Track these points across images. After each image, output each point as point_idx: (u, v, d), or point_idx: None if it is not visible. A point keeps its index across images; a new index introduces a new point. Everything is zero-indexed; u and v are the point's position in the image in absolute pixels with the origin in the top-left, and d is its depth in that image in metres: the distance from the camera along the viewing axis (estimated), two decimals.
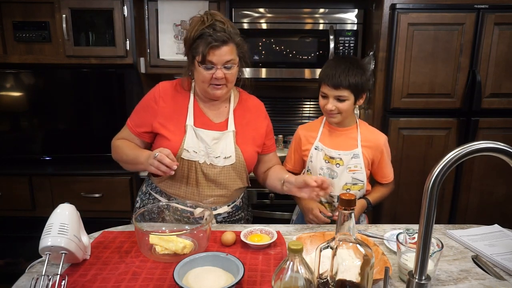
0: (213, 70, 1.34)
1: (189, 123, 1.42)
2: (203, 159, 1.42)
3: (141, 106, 1.50)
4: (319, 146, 1.57)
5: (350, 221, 0.84)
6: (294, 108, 2.87)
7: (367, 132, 1.57)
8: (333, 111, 1.49)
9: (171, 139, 1.41)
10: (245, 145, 1.47)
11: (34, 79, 2.44)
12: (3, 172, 2.36)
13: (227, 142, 1.44)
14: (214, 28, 1.31)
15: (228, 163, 1.44)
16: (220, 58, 1.32)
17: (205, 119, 1.46)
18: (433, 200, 0.81)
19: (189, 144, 1.40)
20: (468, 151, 0.79)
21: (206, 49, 1.30)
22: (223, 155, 1.43)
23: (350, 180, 1.55)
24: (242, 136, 1.47)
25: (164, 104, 1.45)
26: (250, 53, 2.33)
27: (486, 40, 2.10)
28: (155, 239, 1.19)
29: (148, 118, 1.46)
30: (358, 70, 1.47)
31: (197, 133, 1.42)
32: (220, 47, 1.31)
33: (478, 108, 2.17)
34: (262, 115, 1.57)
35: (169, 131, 1.43)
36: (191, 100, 1.46)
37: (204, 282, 1.02)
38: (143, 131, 1.47)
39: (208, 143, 1.41)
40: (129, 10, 2.29)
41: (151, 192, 1.54)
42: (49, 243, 1.04)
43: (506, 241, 1.32)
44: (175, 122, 1.44)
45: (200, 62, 1.33)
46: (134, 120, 1.49)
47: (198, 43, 1.32)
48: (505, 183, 2.25)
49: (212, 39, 1.30)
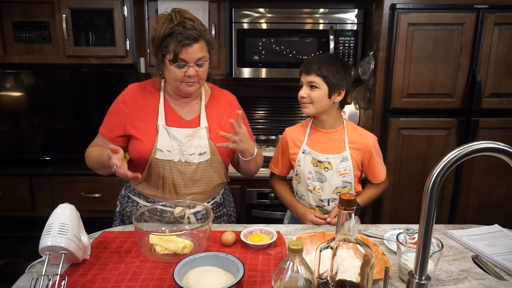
0: (185, 68, 1.33)
1: (161, 123, 1.41)
2: (177, 158, 1.41)
3: (111, 110, 1.48)
4: (307, 149, 1.55)
5: (350, 221, 0.84)
6: (294, 108, 2.87)
7: (354, 133, 1.55)
8: (305, 98, 1.49)
9: (144, 140, 1.41)
10: (219, 139, 1.43)
11: (34, 79, 2.44)
12: (3, 172, 2.36)
13: (200, 139, 1.43)
14: (184, 25, 1.30)
15: (203, 159, 1.43)
16: (192, 55, 1.32)
17: (176, 118, 1.45)
18: (433, 200, 0.81)
19: (162, 144, 1.40)
20: (468, 151, 0.79)
21: (178, 47, 1.29)
22: (197, 152, 1.42)
23: (341, 183, 1.53)
24: (216, 131, 1.45)
25: (134, 106, 1.44)
26: (249, 53, 2.34)
27: (486, 40, 2.10)
28: (155, 239, 1.19)
29: (119, 122, 1.44)
30: (336, 64, 1.47)
31: (169, 132, 1.41)
32: (192, 44, 1.30)
33: (478, 108, 2.17)
34: (235, 108, 1.54)
35: (141, 132, 1.42)
36: (161, 100, 1.46)
37: (204, 282, 1.02)
38: (116, 136, 1.46)
39: (181, 141, 1.41)
40: (129, 10, 2.29)
41: (129, 195, 1.53)
42: (49, 243, 1.04)
43: (506, 241, 1.32)
44: (147, 123, 1.42)
45: (171, 60, 1.32)
46: (106, 125, 1.48)
47: (168, 41, 1.30)
48: (505, 183, 2.25)
49: (183, 37, 1.29)
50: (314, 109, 1.50)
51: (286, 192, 1.65)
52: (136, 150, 1.43)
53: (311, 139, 1.56)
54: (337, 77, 1.46)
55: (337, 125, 1.56)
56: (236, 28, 2.42)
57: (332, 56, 1.57)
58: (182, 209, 1.41)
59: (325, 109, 1.50)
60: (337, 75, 1.46)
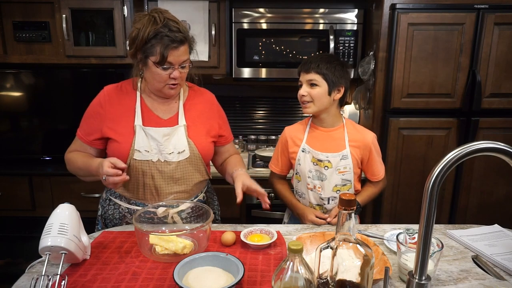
0: (169, 70, 1.33)
1: (138, 123, 1.40)
2: (156, 157, 1.40)
3: (88, 113, 1.47)
4: (306, 148, 1.55)
5: (350, 221, 0.84)
6: (294, 108, 2.87)
7: (354, 131, 1.56)
8: (306, 97, 1.50)
9: (121, 141, 1.39)
10: (198, 137, 1.45)
11: (34, 79, 2.44)
12: (3, 172, 2.36)
13: (179, 137, 1.42)
14: (169, 28, 1.29)
15: (182, 157, 1.42)
16: (178, 58, 1.32)
17: (153, 117, 1.43)
18: (433, 200, 0.81)
19: (140, 144, 1.38)
20: (468, 151, 0.79)
21: (167, 50, 1.28)
22: (176, 150, 1.41)
23: (340, 181, 1.53)
24: (194, 129, 1.45)
25: (111, 108, 1.43)
26: (249, 53, 2.33)
27: (486, 40, 2.10)
28: (155, 239, 1.19)
29: (96, 124, 1.43)
30: (334, 61, 1.50)
31: (146, 132, 1.40)
32: (179, 47, 1.31)
33: (478, 108, 2.17)
34: (214, 107, 1.55)
35: (118, 133, 1.41)
36: (138, 100, 1.44)
37: (204, 282, 1.02)
38: (94, 139, 1.45)
39: (159, 140, 1.40)
40: (129, 10, 2.29)
41: (110, 198, 1.51)
42: (49, 243, 1.04)
43: (506, 241, 1.32)
44: (124, 124, 1.41)
45: (157, 62, 1.31)
46: (84, 128, 1.47)
47: (153, 43, 1.29)
48: (505, 183, 2.25)
49: (170, 40, 1.28)
50: (315, 108, 1.51)
51: (287, 191, 1.66)
52: (114, 152, 1.41)
53: (310, 138, 1.57)
54: (336, 74, 1.48)
55: (337, 123, 1.56)
56: (236, 28, 2.42)
57: (329, 55, 1.61)
58: (165, 209, 1.40)
59: (325, 107, 1.51)
60: (336, 73, 1.48)
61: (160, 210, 1.39)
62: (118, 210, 1.49)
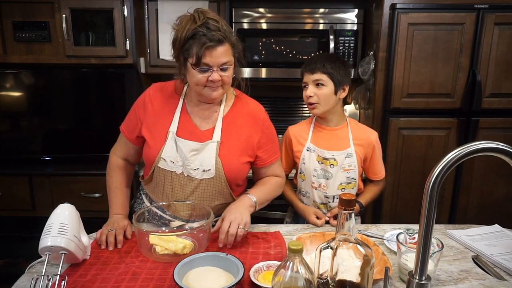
0: (208, 72, 1.23)
1: (172, 130, 1.34)
2: (180, 170, 1.33)
3: (132, 109, 1.44)
4: (311, 147, 1.56)
5: (350, 221, 0.84)
6: (294, 108, 2.87)
7: (358, 130, 1.57)
8: (313, 98, 1.50)
9: (152, 145, 1.36)
10: (230, 157, 1.33)
11: (34, 79, 2.44)
12: (3, 172, 2.36)
13: (208, 154, 1.32)
14: (208, 27, 1.20)
15: (207, 176, 1.32)
16: (216, 59, 1.22)
17: (189, 126, 1.35)
18: (433, 200, 0.81)
19: (167, 154, 1.33)
20: (468, 151, 0.79)
21: (201, 50, 1.19)
22: (201, 168, 1.32)
23: (345, 179, 1.54)
24: (228, 146, 1.34)
25: (152, 108, 1.38)
26: (249, 53, 2.30)
27: (486, 40, 2.10)
28: (155, 239, 1.19)
29: (137, 123, 1.40)
30: (337, 61, 1.50)
31: (177, 142, 1.33)
32: (216, 47, 1.20)
33: (478, 108, 2.17)
34: (259, 121, 1.40)
35: (152, 137, 1.37)
36: (180, 105, 1.37)
37: (204, 282, 1.02)
38: (136, 136, 1.42)
39: (186, 154, 1.31)
40: (129, 10, 2.29)
41: (141, 193, 1.54)
42: (49, 243, 1.04)
43: (506, 241, 1.31)
44: (160, 127, 1.36)
45: (194, 64, 1.22)
46: (127, 124, 1.44)
47: (190, 44, 1.20)
48: (505, 183, 2.25)
49: (207, 39, 1.19)
50: (322, 109, 1.51)
51: (289, 190, 1.67)
52: (145, 154, 1.40)
53: (315, 137, 1.57)
54: (340, 73, 1.49)
55: (341, 122, 1.57)
56: (236, 28, 2.42)
57: (331, 54, 1.62)
58: (180, 225, 1.37)
59: (332, 106, 1.52)
60: (340, 71, 1.49)
61: (174, 224, 1.38)
62: (141, 206, 1.51)
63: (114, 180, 1.45)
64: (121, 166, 1.48)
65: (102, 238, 1.25)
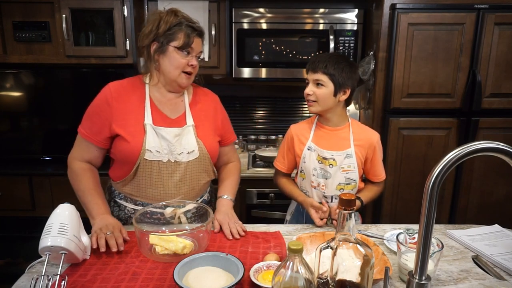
0: (189, 57, 1.37)
1: (148, 122, 1.38)
2: (166, 158, 1.39)
3: (93, 111, 1.42)
4: (312, 146, 1.56)
5: (350, 221, 0.84)
6: (294, 108, 2.88)
7: (359, 130, 1.57)
8: (311, 96, 1.50)
9: (131, 141, 1.36)
10: (207, 137, 1.46)
11: (34, 79, 2.44)
12: (3, 172, 2.36)
13: (188, 137, 1.42)
14: (190, 20, 1.38)
15: (192, 157, 1.42)
16: (197, 47, 1.39)
17: (162, 116, 1.42)
18: (433, 200, 0.81)
19: (151, 144, 1.36)
20: (468, 151, 0.79)
21: (191, 35, 1.35)
22: (185, 151, 1.41)
23: (344, 180, 1.54)
24: (202, 128, 1.46)
25: (118, 105, 1.39)
26: (249, 53, 2.33)
27: (486, 40, 2.10)
28: (155, 239, 1.19)
29: (103, 123, 1.38)
30: (342, 62, 1.48)
31: (157, 132, 1.38)
32: (199, 37, 1.39)
33: (478, 108, 2.17)
34: (218, 106, 1.56)
35: (128, 132, 1.37)
36: (147, 98, 1.42)
37: (204, 282, 1.02)
38: (103, 138, 1.40)
39: (170, 141, 1.39)
40: (129, 10, 2.29)
41: (116, 200, 1.49)
42: (49, 243, 1.04)
43: (506, 241, 1.31)
44: (133, 122, 1.38)
45: (180, 47, 1.35)
46: (90, 128, 1.40)
47: (176, 30, 1.34)
48: (505, 183, 2.25)
49: (192, 29, 1.36)
50: (319, 107, 1.52)
51: (291, 184, 1.66)
52: (123, 151, 1.38)
53: (316, 136, 1.57)
54: (343, 76, 1.47)
55: (342, 122, 1.57)
56: (236, 28, 2.42)
57: (338, 55, 1.58)
58: (173, 209, 1.39)
59: (330, 107, 1.51)
60: (343, 74, 1.47)
61: (168, 211, 1.39)
62: (123, 211, 1.48)
63: (85, 183, 1.40)
64: (88, 169, 1.43)
65: (102, 242, 1.21)
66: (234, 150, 1.67)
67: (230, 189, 1.54)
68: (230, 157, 1.63)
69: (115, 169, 1.47)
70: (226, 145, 1.60)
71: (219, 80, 2.66)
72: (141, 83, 1.45)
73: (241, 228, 1.36)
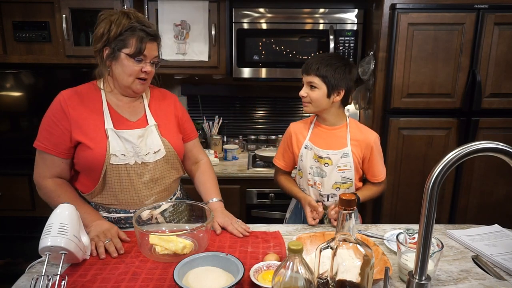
0: (142, 63, 1.33)
1: (109, 127, 1.34)
2: (133, 160, 1.36)
3: (50, 122, 1.35)
4: (309, 145, 1.57)
5: (350, 221, 0.84)
6: (294, 108, 2.88)
7: (357, 130, 1.57)
8: (305, 98, 1.51)
9: (94, 147, 1.32)
10: (170, 135, 1.45)
11: (34, 79, 2.44)
12: (3, 172, 2.36)
13: (152, 137, 1.41)
14: (143, 23, 1.32)
15: (159, 156, 1.41)
16: (151, 53, 1.34)
17: (122, 120, 1.39)
18: (433, 200, 0.81)
19: (115, 148, 1.33)
20: (468, 151, 0.79)
21: (143, 41, 1.29)
22: (151, 151, 1.40)
23: (340, 179, 1.55)
24: (165, 127, 1.45)
25: (74, 112, 1.33)
26: (249, 53, 2.32)
27: (486, 40, 2.10)
28: (155, 239, 1.19)
29: (62, 133, 1.33)
30: (335, 63, 1.47)
31: (119, 135, 1.35)
32: (152, 41, 1.33)
33: (478, 108, 2.17)
34: (177, 104, 1.55)
35: (90, 139, 1.33)
36: (104, 103, 1.38)
37: (204, 282, 1.02)
38: (64, 148, 1.34)
39: (134, 143, 1.36)
40: None
41: None
42: (49, 243, 1.04)
43: (506, 241, 1.32)
44: (93, 128, 1.34)
45: (132, 54, 1.30)
46: (49, 140, 1.34)
47: (127, 35, 1.29)
48: (505, 183, 2.25)
49: (145, 34, 1.30)
50: (313, 108, 1.53)
51: (290, 181, 1.68)
52: (88, 158, 1.33)
53: (314, 135, 1.58)
54: (336, 77, 1.47)
55: (340, 122, 1.57)
56: (236, 28, 2.42)
57: (332, 55, 1.57)
58: (149, 212, 1.38)
59: (324, 108, 1.52)
60: (336, 75, 1.47)
61: (144, 214, 1.37)
62: None
63: (66, 196, 1.33)
64: (62, 183, 1.38)
65: (101, 251, 1.20)
66: (199, 146, 1.64)
67: (214, 190, 1.54)
68: (195, 154, 1.61)
69: (82, 181, 1.41)
70: (188, 141, 1.58)
71: (219, 80, 2.66)
72: (95, 89, 1.41)
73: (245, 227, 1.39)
